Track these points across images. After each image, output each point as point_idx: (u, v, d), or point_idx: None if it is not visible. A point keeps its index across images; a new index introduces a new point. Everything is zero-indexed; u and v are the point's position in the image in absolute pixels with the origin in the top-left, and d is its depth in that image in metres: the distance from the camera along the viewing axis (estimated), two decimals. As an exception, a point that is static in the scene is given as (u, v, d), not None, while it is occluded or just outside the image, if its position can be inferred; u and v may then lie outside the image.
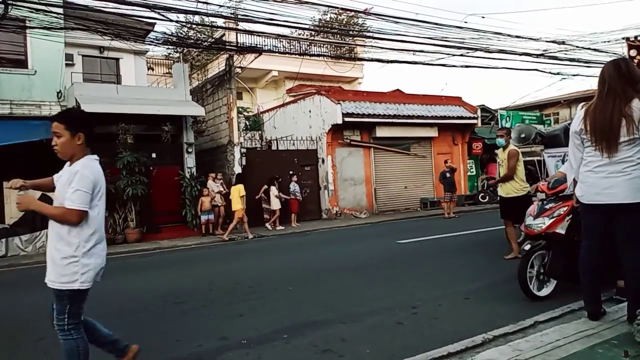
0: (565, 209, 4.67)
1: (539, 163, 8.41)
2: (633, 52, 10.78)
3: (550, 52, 16.07)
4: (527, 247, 4.76)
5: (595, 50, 15.80)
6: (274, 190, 14.16)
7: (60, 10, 11.32)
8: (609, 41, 15.59)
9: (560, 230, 4.64)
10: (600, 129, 3.39)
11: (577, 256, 3.74)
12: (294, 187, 14.94)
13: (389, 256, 8.51)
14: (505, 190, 7.31)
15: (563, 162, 7.89)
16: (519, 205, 6.80)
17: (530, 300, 4.75)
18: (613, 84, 3.39)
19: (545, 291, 4.84)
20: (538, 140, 8.24)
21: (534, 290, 4.78)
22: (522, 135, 8.31)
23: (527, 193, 7.13)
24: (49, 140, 3.08)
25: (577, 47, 15.75)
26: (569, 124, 8.27)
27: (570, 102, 24.83)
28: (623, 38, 11.61)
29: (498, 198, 7.66)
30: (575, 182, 3.73)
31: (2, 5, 10.31)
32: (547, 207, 4.81)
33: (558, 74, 17.52)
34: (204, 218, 13.24)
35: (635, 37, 10.84)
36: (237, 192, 12.67)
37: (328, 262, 8.40)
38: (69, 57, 14.41)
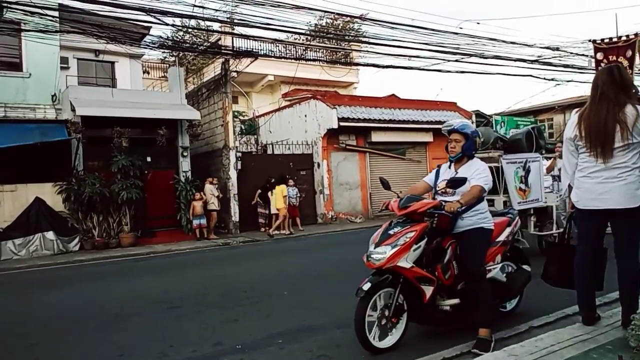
0: (412, 234, 3.69)
1: (496, 170, 7.29)
2: (600, 55, 10.71)
3: (545, 58, 16.17)
4: (367, 285, 3.65)
5: (591, 57, 15.90)
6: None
7: (56, 13, 11.29)
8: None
9: (404, 263, 3.62)
10: (595, 135, 3.41)
11: (571, 262, 3.75)
12: (288, 191, 14.86)
13: (384, 261, 8.49)
14: None
15: (524, 168, 7.49)
16: None
17: (370, 353, 3.76)
18: (606, 90, 3.41)
19: (389, 341, 3.82)
20: (499, 145, 7.62)
21: (373, 341, 3.72)
22: (480, 140, 8.03)
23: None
24: (43, 143, 3.08)
25: (571, 53, 15.87)
26: (532, 129, 7.78)
27: (564, 107, 24.92)
28: (589, 40, 11.45)
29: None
30: (570, 187, 3.74)
31: (-2, 8, 10.29)
32: (391, 232, 3.79)
33: (552, 79, 17.62)
34: (196, 223, 13.17)
35: (602, 40, 10.77)
36: (281, 191, 13.66)
37: (323, 267, 8.39)
38: (64, 61, 14.38)
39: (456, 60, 15.13)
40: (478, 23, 27.71)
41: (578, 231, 3.77)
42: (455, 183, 3.85)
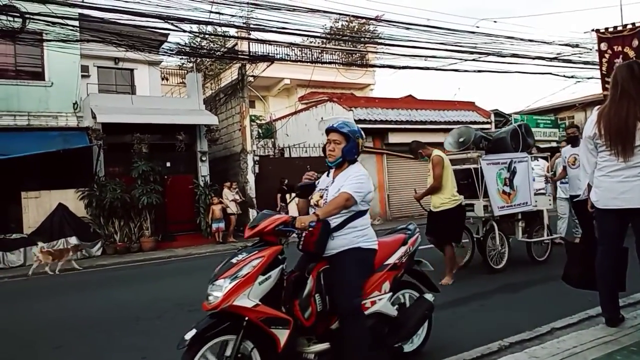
0: (258, 262, 2.87)
1: (475, 172, 6.73)
2: (604, 46, 10.11)
3: (564, 55, 15.95)
4: (190, 334, 2.75)
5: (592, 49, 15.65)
6: (296, 200, 14.12)
7: (76, 23, 11.54)
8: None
9: (244, 301, 2.76)
10: (615, 133, 3.35)
11: (593, 263, 3.68)
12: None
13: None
14: (435, 204, 6.31)
15: (509, 170, 6.87)
16: (452, 219, 6.11)
17: None
18: (626, 86, 3.35)
19: None
20: (484, 145, 6.94)
21: None
22: (461, 139, 7.09)
23: (460, 204, 6.24)
24: (66, 150, 3.15)
25: (591, 49, 15.60)
26: (519, 126, 7.28)
27: (585, 105, 24.52)
28: (593, 30, 10.83)
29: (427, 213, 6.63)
30: (589, 187, 3.68)
31: (20, 19, 10.55)
32: (235, 260, 2.93)
33: (572, 77, 17.37)
34: (215, 226, 13.29)
35: (606, 29, 10.21)
36: None
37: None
38: (84, 69, 14.66)
39: (474, 60, 15.03)
40: (495, 21, 27.54)
41: (598, 231, 3.69)
42: (303, 190, 3.31)
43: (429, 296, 3.65)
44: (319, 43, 20.91)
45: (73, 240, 11.79)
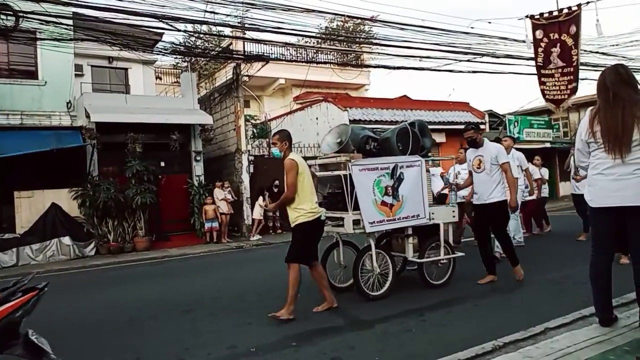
0: None
1: (345, 179, 5.48)
2: (539, 34, 9.51)
3: (558, 56, 15.98)
4: None
5: (603, 54, 15.74)
6: (260, 201, 14.01)
7: (70, 22, 11.47)
8: (617, 45, 15.53)
9: None
10: (613, 133, 3.38)
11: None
12: None
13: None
14: (291, 217, 5.19)
15: (392, 176, 5.72)
16: (305, 236, 5.10)
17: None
18: (617, 90, 3.41)
19: None
20: (372, 147, 5.88)
21: None
22: (339, 140, 5.98)
23: (319, 217, 5.12)
24: (59, 149, 3.10)
25: (585, 50, 15.69)
26: (411, 124, 6.29)
27: (579, 106, 24.62)
28: (527, 16, 9.98)
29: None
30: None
31: (13, 18, 10.48)
32: None
33: (566, 78, 17.40)
34: (207, 226, 13.26)
35: (541, 14, 9.61)
36: None
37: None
38: (78, 68, 14.58)
39: (468, 60, 15.05)
40: (489, 22, 27.57)
41: (592, 231, 3.72)
42: None
43: None
44: (314, 43, 20.87)
45: (66, 240, 11.73)
